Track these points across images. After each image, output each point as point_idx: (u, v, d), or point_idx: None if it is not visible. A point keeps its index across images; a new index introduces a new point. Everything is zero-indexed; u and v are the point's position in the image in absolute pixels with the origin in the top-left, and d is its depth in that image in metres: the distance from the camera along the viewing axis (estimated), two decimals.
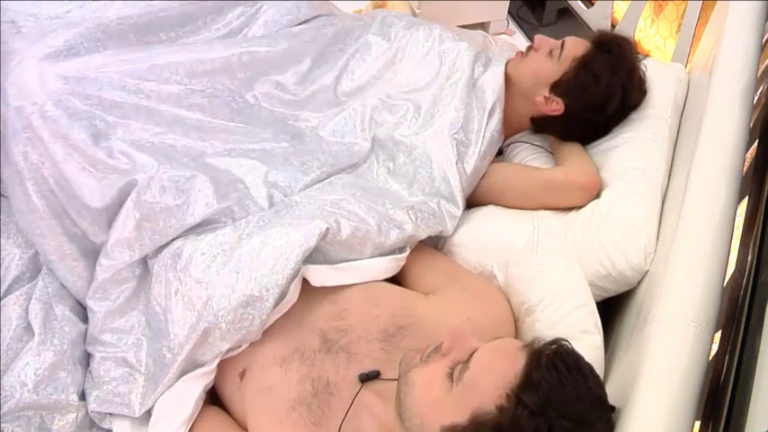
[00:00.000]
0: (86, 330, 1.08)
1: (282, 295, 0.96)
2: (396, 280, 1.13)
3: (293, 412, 0.89)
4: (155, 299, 1.02)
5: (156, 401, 0.99)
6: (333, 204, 1.06)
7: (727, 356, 0.87)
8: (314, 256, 1.01)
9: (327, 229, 0.99)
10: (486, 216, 1.20)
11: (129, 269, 1.06)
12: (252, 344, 0.98)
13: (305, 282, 0.99)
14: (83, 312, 1.10)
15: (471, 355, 0.76)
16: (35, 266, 1.12)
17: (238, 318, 0.93)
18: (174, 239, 1.04)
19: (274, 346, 0.96)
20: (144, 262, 1.07)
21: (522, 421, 0.70)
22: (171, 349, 0.98)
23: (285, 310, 0.97)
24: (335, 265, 1.03)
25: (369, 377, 0.89)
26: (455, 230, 1.18)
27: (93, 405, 1.01)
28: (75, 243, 1.07)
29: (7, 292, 1.08)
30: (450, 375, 0.76)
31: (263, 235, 0.99)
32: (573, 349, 0.77)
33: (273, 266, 0.95)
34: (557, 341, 0.77)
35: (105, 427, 1.02)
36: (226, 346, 0.95)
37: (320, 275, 1.00)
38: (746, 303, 0.89)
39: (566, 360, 0.74)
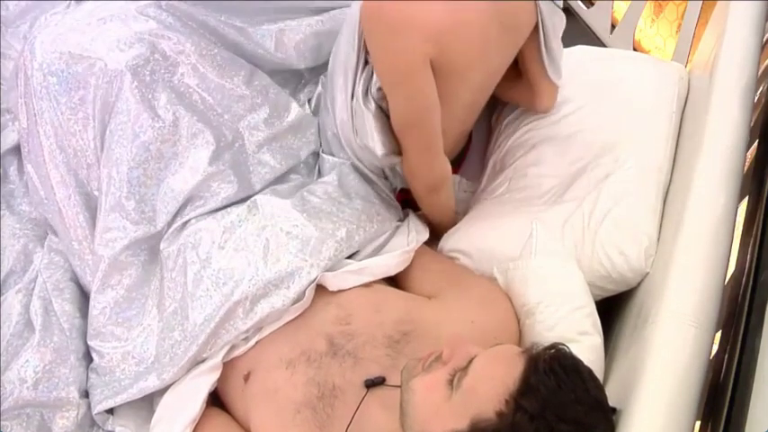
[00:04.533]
0: (87, 325, 1.07)
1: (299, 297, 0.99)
2: (398, 283, 1.13)
3: (298, 415, 0.89)
4: (168, 284, 1.03)
5: (162, 395, 0.99)
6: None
7: (726, 356, 0.87)
8: None
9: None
10: (484, 219, 1.19)
11: (131, 253, 1.06)
12: (258, 346, 0.99)
13: None
14: (84, 306, 1.10)
15: (470, 362, 0.77)
16: (27, 258, 1.12)
17: (266, 293, 0.98)
18: (188, 222, 1.05)
19: (281, 349, 0.96)
20: (149, 248, 1.07)
21: (521, 426, 0.70)
22: (185, 331, 0.99)
23: (299, 312, 0.99)
24: (348, 268, 1.04)
25: (374, 383, 0.89)
26: (452, 236, 1.18)
27: (98, 407, 1.00)
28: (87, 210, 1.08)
29: (5, 288, 1.08)
30: (451, 383, 0.76)
31: (293, 234, 1.03)
32: (571, 353, 0.77)
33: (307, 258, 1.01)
34: (554, 345, 0.77)
35: (108, 428, 1.02)
36: (245, 327, 0.97)
37: (338, 280, 1.02)
38: (746, 303, 0.89)
39: (564, 364, 0.74)
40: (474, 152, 1.45)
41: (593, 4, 1.94)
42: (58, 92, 1.03)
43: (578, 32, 1.94)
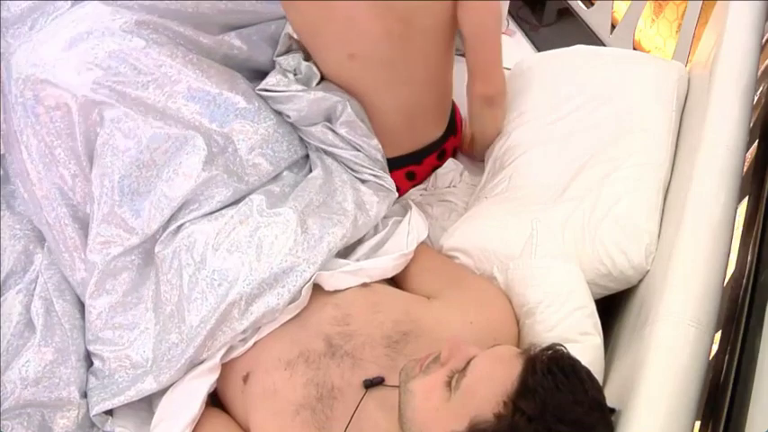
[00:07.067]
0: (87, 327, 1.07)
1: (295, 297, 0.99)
2: (397, 282, 1.13)
3: (297, 416, 0.89)
4: (164, 287, 1.03)
5: (162, 397, 0.99)
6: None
7: (727, 356, 0.87)
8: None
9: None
10: (484, 218, 1.19)
11: (125, 258, 1.06)
12: (256, 347, 0.99)
13: None
14: (84, 306, 1.09)
15: (468, 363, 0.76)
16: (27, 259, 1.13)
17: (260, 292, 0.97)
18: (182, 225, 1.05)
19: (279, 350, 0.96)
20: (143, 252, 1.07)
21: (520, 427, 0.70)
22: (182, 333, 0.99)
23: (296, 312, 0.99)
24: (345, 268, 1.05)
25: (373, 383, 0.89)
26: (452, 235, 1.18)
27: (96, 409, 1.00)
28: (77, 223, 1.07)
29: (5, 288, 1.08)
30: (449, 384, 0.76)
31: (286, 233, 1.04)
32: (569, 354, 0.77)
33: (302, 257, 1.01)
34: (552, 346, 0.77)
35: (107, 429, 1.02)
36: (241, 328, 0.97)
37: (334, 280, 1.02)
38: (746, 303, 0.89)
39: (561, 365, 0.74)
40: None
41: (593, 4, 1.94)
42: (35, 106, 1.02)
43: (578, 32, 1.94)
